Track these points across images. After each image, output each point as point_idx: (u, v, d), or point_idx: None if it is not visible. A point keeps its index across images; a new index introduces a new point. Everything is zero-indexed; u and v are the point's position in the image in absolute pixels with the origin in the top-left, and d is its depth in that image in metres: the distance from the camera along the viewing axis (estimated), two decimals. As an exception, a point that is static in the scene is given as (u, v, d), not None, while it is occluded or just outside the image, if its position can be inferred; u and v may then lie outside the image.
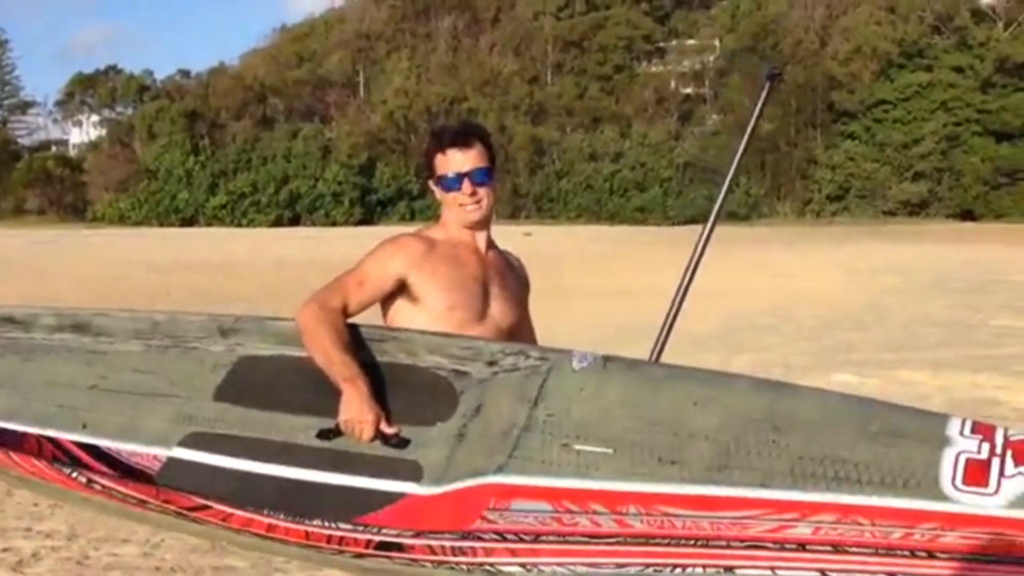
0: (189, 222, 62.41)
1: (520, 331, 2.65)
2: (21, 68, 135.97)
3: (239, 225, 60.94)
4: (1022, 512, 1.92)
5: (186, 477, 2.48)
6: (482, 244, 2.60)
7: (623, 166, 62.88)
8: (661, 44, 70.85)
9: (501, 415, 2.26)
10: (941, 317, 13.11)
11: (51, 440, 2.66)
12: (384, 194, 64.29)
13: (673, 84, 68.90)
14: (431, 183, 2.60)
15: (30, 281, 20.10)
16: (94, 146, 72.80)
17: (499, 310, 2.56)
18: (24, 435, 2.71)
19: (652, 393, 2.20)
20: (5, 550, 4.31)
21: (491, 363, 2.35)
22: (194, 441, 2.50)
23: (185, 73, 79.27)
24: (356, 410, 2.27)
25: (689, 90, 69.04)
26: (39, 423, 2.71)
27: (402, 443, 2.28)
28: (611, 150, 64.01)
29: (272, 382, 2.51)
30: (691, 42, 69.90)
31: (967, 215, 57.64)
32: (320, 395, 2.37)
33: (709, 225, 2.73)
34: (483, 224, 2.58)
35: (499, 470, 2.17)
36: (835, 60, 62.91)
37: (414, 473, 2.25)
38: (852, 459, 2.00)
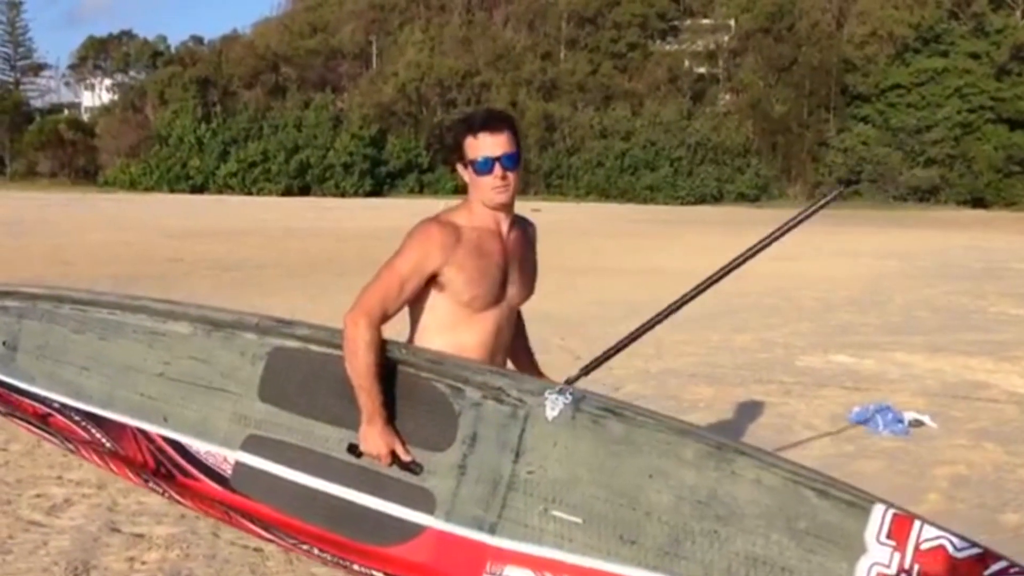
0: (199, 189, 62.65)
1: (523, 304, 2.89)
2: (32, 30, 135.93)
3: (249, 193, 61.19)
4: None
5: (253, 483, 2.72)
6: (505, 227, 2.74)
7: (634, 144, 62.85)
8: (675, 23, 70.52)
9: (491, 459, 2.49)
10: (941, 302, 13.30)
11: (144, 433, 2.89)
12: (394, 166, 64.38)
13: (686, 63, 68.65)
14: (459, 167, 2.71)
15: (43, 244, 20.37)
16: (106, 110, 72.82)
17: (514, 292, 2.77)
18: (123, 426, 2.92)
19: (613, 459, 2.39)
20: (38, 496, 4.57)
21: (479, 388, 2.55)
22: (253, 445, 2.74)
23: (198, 40, 79.28)
24: (374, 445, 2.55)
25: (702, 69, 68.79)
26: (129, 412, 2.92)
27: (416, 467, 2.56)
28: (622, 128, 63.96)
29: (306, 382, 2.71)
30: (706, 21, 69.55)
31: (978, 202, 57.54)
32: (348, 405, 2.61)
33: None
34: (509, 207, 2.73)
35: (493, 530, 2.44)
36: (850, 43, 62.64)
37: (428, 503, 2.53)
38: (779, 562, 2.21)
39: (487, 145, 2.64)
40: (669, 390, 7.13)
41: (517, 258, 2.76)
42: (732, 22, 68.18)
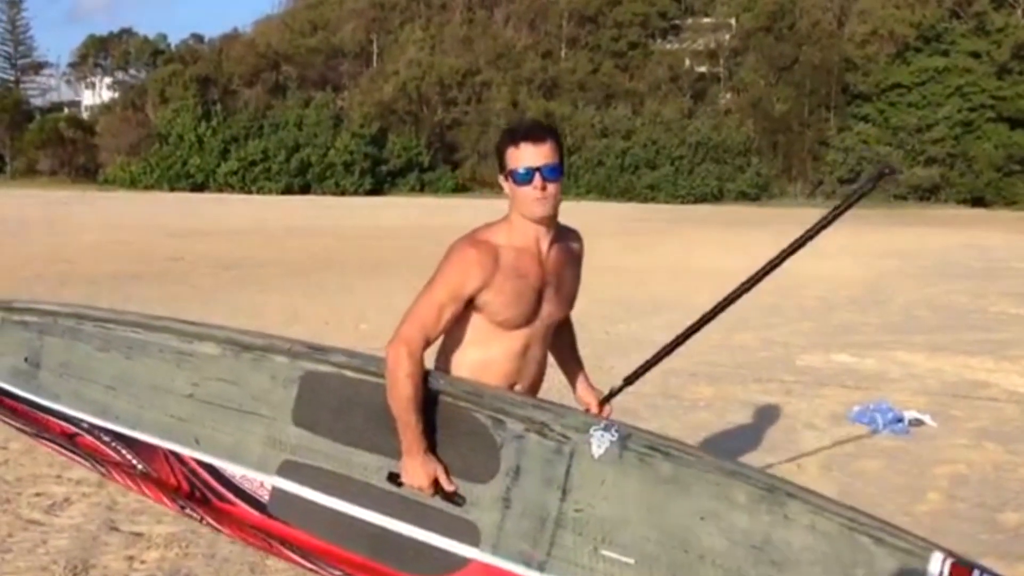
0: (200, 187, 62.64)
1: (562, 323, 2.85)
2: (32, 29, 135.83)
3: (249, 192, 61.21)
4: None
5: (291, 509, 2.66)
6: (545, 244, 2.66)
7: (634, 143, 62.82)
8: (676, 21, 70.49)
9: (536, 494, 2.45)
10: (941, 302, 13.30)
11: (176, 455, 2.83)
12: (395, 165, 64.35)
13: (687, 62, 68.62)
14: (501, 178, 2.65)
15: (43, 242, 20.37)
16: (106, 108, 72.78)
17: (547, 312, 2.70)
18: (155, 448, 2.86)
19: (664, 498, 2.36)
20: (38, 494, 4.57)
21: (521, 421, 2.50)
22: (290, 470, 2.68)
23: (199, 38, 79.26)
24: (416, 476, 2.51)
25: (703, 68, 68.75)
26: (160, 434, 2.86)
27: (459, 499, 2.52)
28: (623, 127, 63.95)
29: (341, 407, 2.67)
30: (707, 20, 69.52)
31: (978, 201, 57.51)
32: (387, 432, 2.56)
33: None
34: (549, 220, 2.64)
35: (542, 568, 2.40)
36: (851, 42, 62.59)
37: (472, 535, 2.48)
38: None
39: (528, 155, 2.57)
40: (670, 389, 7.12)
41: (555, 277, 2.70)
42: (733, 21, 68.17)
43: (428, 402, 2.56)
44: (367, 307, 11.74)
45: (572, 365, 3.03)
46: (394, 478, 2.56)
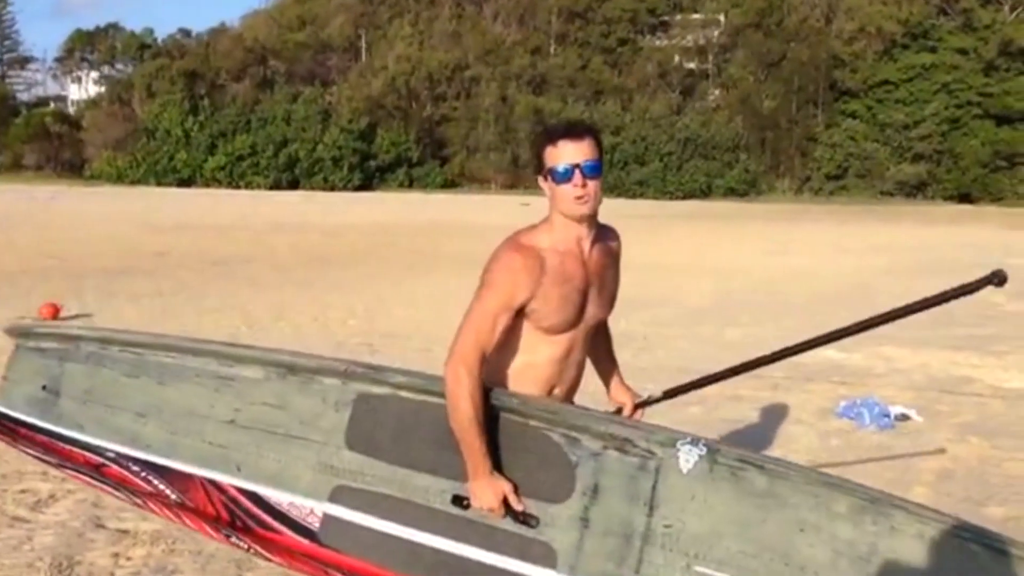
0: (187, 182, 62.39)
1: (603, 323, 2.80)
2: (18, 23, 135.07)
3: (237, 187, 60.99)
4: None
5: (346, 537, 2.54)
6: (587, 245, 2.60)
7: (623, 139, 62.85)
8: (665, 18, 70.54)
9: (619, 511, 2.35)
10: (928, 298, 13.35)
11: (214, 484, 2.70)
12: (383, 160, 64.25)
13: (676, 58, 68.68)
14: (540, 179, 2.58)
15: (30, 237, 20.25)
16: (93, 103, 72.47)
17: (592, 313, 2.64)
18: (190, 477, 2.72)
19: (760, 511, 2.27)
20: (23, 491, 4.54)
21: (599, 438, 2.41)
22: (344, 496, 2.56)
23: (186, 32, 78.94)
24: (485, 498, 2.41)
25: (692, 65, 68.83)
26: (198, 462, 2.73)
27: (531, 520, 2.41)
28: (612, 123, 63.90)
29: (400, 430, 2.56)
30: (695, 16, 69.58)
31: (964, 198, 57.78)
32: (450, 454, 2.47)
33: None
34: (591, 219, 2.58)
35: None
36: (839, 39, 62.77)
37: (548, 558, 2.38)
38: None
39: (568, 152, 2.51)
40: (659, 384, 7.12)
41: (598, 278, 2.64)
42: (722, 17, 68.26)
43: (494, 421, 2.47)
44: (355, 303, 11.71)
45: (607, 364, 2.97)
46: (459, 501, 2.46)
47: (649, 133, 62.77)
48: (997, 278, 2.67)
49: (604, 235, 2.69)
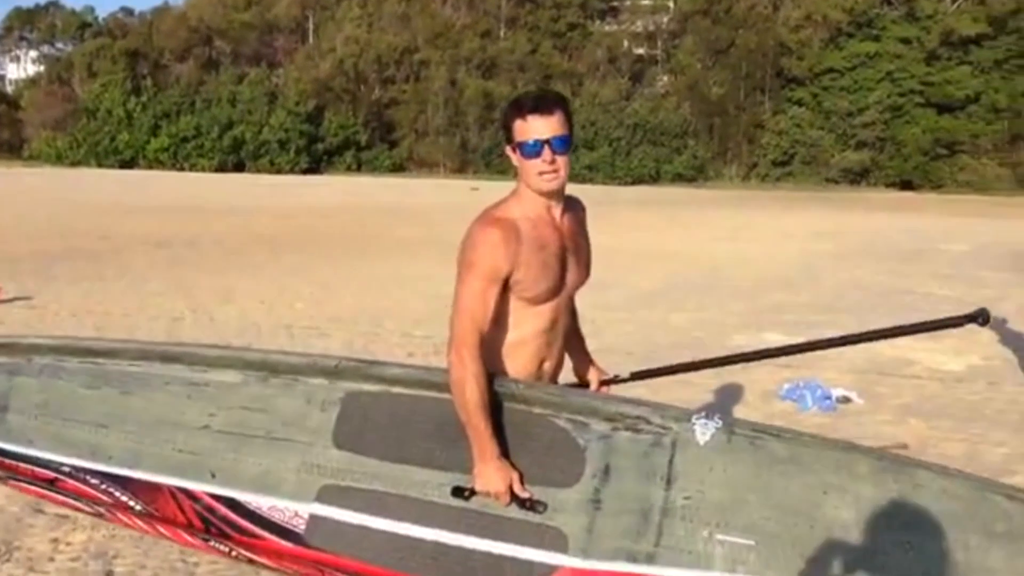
0: (129, 164, 61.21)
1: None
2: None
3: (181, 169, 60.00)
4: None
5: (334, 536, 2.47)
6: (558, 213, 2.61)
7: (573, 124, 62.89)
8: (615, 3, 70.69)
9: (634, 488, 2.33)
10: (870, 282, 13.61)
11: (186, 492, 2.60)
12: (331, 143, 63.61)
13: (626, 44, 68.90)
14: (508, 150, 2.58)
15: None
16: (32, 83, 70.80)
17: (571, 280, 2.66)
18: (158, 487, 2.62)
19: (782, 478, 2.27)
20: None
21: (609, 419, 2.40)
22: (332, 495, 2.49)
23: (128, 11, 77.49)
24: (490, 482, 2.37)
25: (641, 51, 69.10)
26: (166, 471, 2.63)
27: (538, 506, 2.38)
28: (561, 108, 64.02)
29: (393, 425, 2.52)
30: (645, 2, 69.82)
31: (906, 185, 58.88)
32: (443, 446, 2.44)
33: None
34: (559, 194, 2.59)
35: (650, 560, 2.28)
36: (786, 26, 63.41)
37: (559, 543, 2.34)
38: (983, 564, 2.14)
39: (537, 127, 2.51)
40: (607, 368, 7.17)
41: (572, 242, 2.66)
42: (671, 3, 68.58)
43: (497, 410, 2.45)
44: (302, 286, 11.61)
45: (574, 340, 2.95)
46: (460, 492, 2.42)
47: (599, 118, 62.91)
48: (981, 317, 2.73)
49: (571, 205, 2.70)
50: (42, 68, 72.69)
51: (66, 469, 2.75)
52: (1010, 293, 12.40)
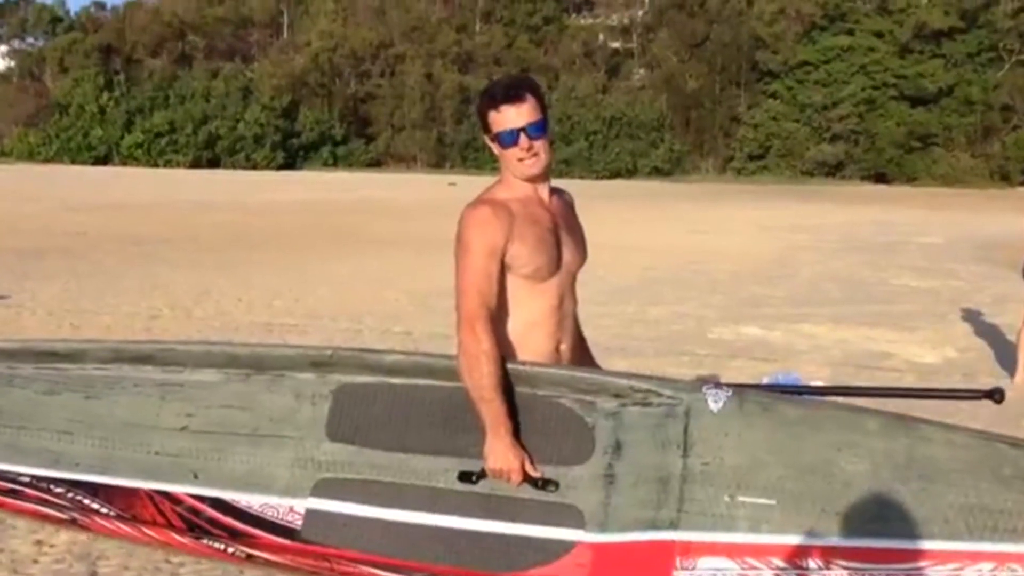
0: (102, 160, 60.49)
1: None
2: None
3: (155, 165, 59.37)
4: None
5: (334, 530, 2.43)
6: (545, 195, 2.65)
7: (549, 118, 62.82)
8: (591, -4, 70.65)
9: (651, 459, 2.35)
10: (845, 275, 13.73)
11: (165, 495, 2.52)
12: (307, 138, 63.19)
13: (601, 38, 68.93)
14: (487, 140, 2.61)
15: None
16: (3, 78, 69.83)
17: (569, 257, 2.68)
18: (133, 492, 2.54)
19: (795, 439, 2.34)
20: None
21: (617, 395, 2.42)
22: (330, 489, 2.44)
23: (100, 5, 76.28)
24: (504, 459, 2.35)
25: (617, 44, 69.15)
26: (142, 475, 2.54)
27: (550, 485, 2.37)
28: (538, 101, 63.99)
29: (391, 415, 2.48)
30: (620, -5, 69.84)
31: (880, 177, 59.28)
32: (445, 432, 2.43)
33: None
34: (543, 176, 2.63)
35: (673, 525, 2.30)
36: (760, 20, 63.65)
37: (575, 519, 2.34)
38: (997, 506, 2.23)
39: (510, 117, 2.53)
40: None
41: (564, 220, 2.69)
42: (646, -3, 68.64)
43: (506, 392, 2.44)
44: (280, 283, 11.56)
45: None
46: (467, 476, 2.40)
47: (575, 112, 62.91)
48: (996, 395, 2.79)
49: (559, 192, 2.76)
50: (13, 63, 71.74)
51: (25, 479, 2.66)
52: (984, 285, 12.56)
